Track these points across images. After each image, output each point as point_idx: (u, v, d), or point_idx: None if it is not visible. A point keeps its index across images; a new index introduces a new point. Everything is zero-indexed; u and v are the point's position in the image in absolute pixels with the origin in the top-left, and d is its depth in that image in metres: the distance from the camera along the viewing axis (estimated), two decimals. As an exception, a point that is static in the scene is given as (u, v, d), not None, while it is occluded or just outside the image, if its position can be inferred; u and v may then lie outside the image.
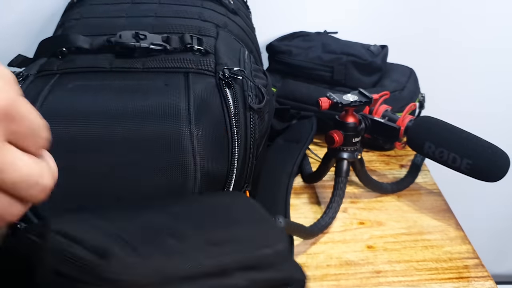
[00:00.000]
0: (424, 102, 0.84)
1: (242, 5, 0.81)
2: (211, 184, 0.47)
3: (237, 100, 0.50)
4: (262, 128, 0.55)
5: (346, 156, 0.65)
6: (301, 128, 0.80)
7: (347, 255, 0.61)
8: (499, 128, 1.09)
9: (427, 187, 0.73)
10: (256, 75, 0.57)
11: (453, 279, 0.57)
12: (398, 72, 0.86)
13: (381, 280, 0.57)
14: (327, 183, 0.73)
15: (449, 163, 0.60)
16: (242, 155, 0.51)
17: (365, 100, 0.64)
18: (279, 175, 0.70)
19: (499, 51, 1.03)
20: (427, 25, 0.99)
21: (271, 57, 0.88)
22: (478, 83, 1.06)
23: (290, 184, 0.68)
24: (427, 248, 0.62)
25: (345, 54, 0.81)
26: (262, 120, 0.55)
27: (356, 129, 0.65)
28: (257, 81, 0.56)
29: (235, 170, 0.50)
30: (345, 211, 0.68)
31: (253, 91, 0.53)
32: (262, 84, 0.56)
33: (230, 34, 0.64)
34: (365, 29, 0.98)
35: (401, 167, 0.79)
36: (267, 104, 0.54)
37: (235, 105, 0.50)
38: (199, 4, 0.68)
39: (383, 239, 0.63)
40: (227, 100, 0.50)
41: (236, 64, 0.55)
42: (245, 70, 0.54)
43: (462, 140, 0.59)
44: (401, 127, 0.64)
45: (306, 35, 0.92)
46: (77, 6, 0.66)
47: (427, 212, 0.68)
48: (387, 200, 0.70)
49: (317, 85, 0.83)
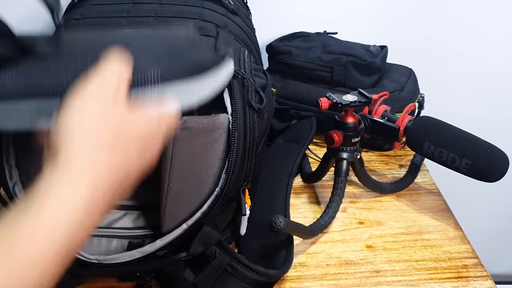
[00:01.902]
0: (424, 102, 0.84)
1: (242, 5, 0.81)
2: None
3: (235, 98, 0.50)
4: (261, 127, 0.55)
5: (345, 156, 0.65)
6: (301, 128, 0.80)
7: (346, 255, 0.61)
8: (499, 128, 1.09)
9: (427, 187, 0.74)
10: (256, 74, 0.58)
11: (452, 279, 0.57)
12: (397, 72, 0.86)
13: (380, 279, 0.57)
14: (327, 183, 0.74)
15: (448, 163, 0.60)
16: (241, 153, 0.51)
17: (364, 101, 0.64)
18: (279, 175, 0.70)
19: (499, 51, 1.03)
20: (427, 25, 0.99)
21: (271, 57, 0.88)
22: (477, 83, 1.06)
23: (290, 184, 0.69)
24: (426, 247, 0.62)
25: (344, 54, 0.81)
26: (262, 119, 0.55)
27: (356, 129, 0.65)
28: (257, 80, 0.56)
29: (234, 168, 0.50)
30: (345, 210, 0.68)
31: (252, 91, 0.53)
32: (262, 83, 0.57)
33: (230, 34, 0.64)
34: (365, 29, 0.98)
35: (401, 167, 0.79)
36: (266, 104, 0.55)
37: (233, 104, 0.50)
38: (199, 4, 0.68)
39: (383, 239, 0.63)
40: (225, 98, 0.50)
41: (236, 64, 0.55)
42: (245, 70, 0.55)
43: (461, 141, 0.59)
44: (401, 127, 0.64)
45: (306, 36, 0.92)
46: (78, 7, 0.66)
47: (427, 212, 0.68)
48: (386, 200, 0.71)
49: (317, 85, 0.84)
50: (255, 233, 0.60)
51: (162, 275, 0.55)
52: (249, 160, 0.52)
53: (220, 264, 0.53)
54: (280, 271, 0.54)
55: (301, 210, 0.69)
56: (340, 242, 0.63)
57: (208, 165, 0.51)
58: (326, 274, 0.58)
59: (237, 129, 0.50)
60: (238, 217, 0.58)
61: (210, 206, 0.51)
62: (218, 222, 0.56)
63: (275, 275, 0.53)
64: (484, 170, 0.58)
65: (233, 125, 0.50)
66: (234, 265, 0.52)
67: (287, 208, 0.64)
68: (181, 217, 0.52)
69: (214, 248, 0.54)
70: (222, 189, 0.51)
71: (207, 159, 0.51)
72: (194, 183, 0.51)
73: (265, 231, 0.60)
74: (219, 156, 0.51)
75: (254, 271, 0.52)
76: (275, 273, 0.53)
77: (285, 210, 0.64)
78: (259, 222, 0.61)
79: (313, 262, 0.60)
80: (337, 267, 0.59)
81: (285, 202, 0.65)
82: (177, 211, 0.52)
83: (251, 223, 0.62)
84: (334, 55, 0.82)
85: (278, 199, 0.65)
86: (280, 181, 0.68)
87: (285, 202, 0.65)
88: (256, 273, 0.52)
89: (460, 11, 0.98)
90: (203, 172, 0.51)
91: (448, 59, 1.03)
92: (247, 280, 0.52)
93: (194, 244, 0.52)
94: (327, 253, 0.61)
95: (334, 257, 0.61)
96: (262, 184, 0.68)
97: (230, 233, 0.60)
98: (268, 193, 0.67)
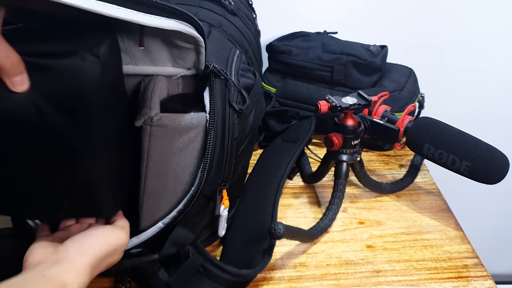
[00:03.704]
0: (424, 102, 0.84)
1: (246, 7, 0.81)
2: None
3: (214, 98, 0.50)
4: (244, 127, 0.55)
5: (345, 158, 0.65)
6: (299, 128, 0.80)
7: (346, 255, 0.61)
8: (499, 128, 1.09)
9: (427, 187, 0.74)
10: (243, 74, 0.57)
11: (453, 279, 0.57)
12: (397, 72, 0.86)
13: (380, 279, 0.57)
14: (327, 183, 0.74)
15: (448, 165, 0.60)
16: (218, 153, 0.51)
17: (364, 103, 0.64)
18: (271, 176, 0.69)
19: (499, 51, 1.03)
20: (427, 25, 0.99)
21: (271, 57, 0.88)
22: (478, 83, 1.06)
23: (280, 185, 0.67)
24: (427, 247, 0.62)
25: (345, 54, 0.81)
26: (244, 120, 0.54)
27: (355, 131, 0.65)
28: (242, 80, 0.55)
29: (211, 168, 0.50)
30: (345, 210, 0.68)
31: (235, 91, 0.52)
32: (248, 84, 0.56)
33: (224, 34, 0.64)
34: (365, 29, 0.98)
35: (401, 167, 0.79)
36: (250, 105, 0.54)
37: (211, 103, 0.50)
38: (197, 3, 0.68)
39: (383, 239, 0.63)
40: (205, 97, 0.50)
41: (222, 63, 0.55)
42: (231, 70, 0.54)
43: (461, 142, 0.59)
44: (401, 128, 0.64)
45: (306, 35, 0.92)
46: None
47: (427, 211, 0.68)
48: (386, 200, 0.71)
49: (317, 85, 0.84)
50: (242, 233, 0.60)
51: (138, 273, 0.54)
52: (227, 161, 0.52)
53: (193, 265, 0.52)
54: (253, 270, 0.53)
55: (301, 210, 0.69)
56: (340, 242, 0.63)
57: (185, 164, 0.51)
58: (326, 274, 0.58)
59: (214, 128, 0.50)
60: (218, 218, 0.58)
61: (186, 204, 0.51)
62: (195, 221, 0.55)
63: (248, 275, 0.53)
64: (484, 172, 0.58)
65: (210, 124, 0.49)
66: (206, 265, 0.52)
67: (275, 210, 0.63)
68: (159, 215, 0.52)
69: (188, 248, 0.53)
70: (197, 188, 0.50)
71: (184, 158, 0.51)
72: (171, 182, 0.51)
73: (251, 232, 0.60)
74: (196, 155, 0.51)
75: (226, 272, 0.51)
76: (247, 272, 0.52)
77: (272, 211, 0.63)
78: (247, 223, 0.61)
79: (313, 262, 0.60)
80: (337, 267, 0.59)
81: (273, 204, 0.64)
82: (154, 209, 0.52)
83: (239, 224, 0.62)
84: (334, 55, 0.82)
85: (267, 201, 0.64)
86: (272, 182, 0.68)
87: (274, 204, 0.64)
88: (229, 274, 0.51)
89: (461, 11, 0.98)
90: (180, 171, 0.51)
91: (448, 58, 1.03)
92: (220, 281, 0.51)
93: (166, 244, 0.51)
94: (327, 253, 0.61)
95: (334, 257, 0.61)
96: (255, 185, 0.68)
97: (209, 234, 0.59)
98: (259, 194, 0.66)
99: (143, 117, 0.48)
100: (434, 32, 1.00)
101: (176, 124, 0.49)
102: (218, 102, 0.50)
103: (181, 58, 0.50)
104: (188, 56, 0.50)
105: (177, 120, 0.49)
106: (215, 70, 0.51)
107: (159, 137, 0.49)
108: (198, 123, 0.50)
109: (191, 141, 0.50)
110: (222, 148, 0.51)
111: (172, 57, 0.50)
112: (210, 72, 0.51)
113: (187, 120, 0.49)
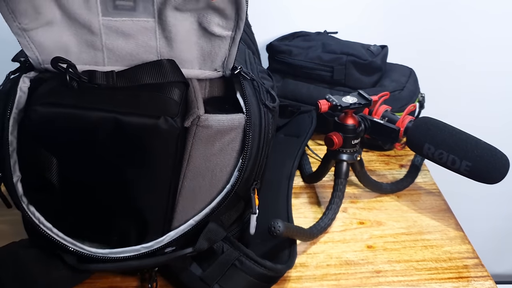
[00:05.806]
0: (424, 102, 0.84)
1: None
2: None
3: (248, 99, 0.51)
4: (274, 126, 0.56)
5: (345, 158, 0.65)
6: (301, 122, 0.81)
7: (347, 255, 0.61)
8: (499, 128, 1.09)
9: (427, 187, 0.74)
10: (262, 76, 0.58)
11: (453, 279, 0.57)
12: (398, 72, 0.86)
13: (381, 280, 0.57)
14: (327, 183, 0.74)
15: (448, 165, 0.60)
16: (254, 153, 0.52)
17: (364, 102, 0.64)
18: (279, 175, 0.70)
19: (499, 51, 1.03)
20: (427, 25, 0.99)
21: (271, 57, 0.88)
22: (478, 83, 1.06)
23: (290, 186, 0.68)
24: (427, 248, 0.62)
25: (345, 54, 0.81)
26: (275, 118, 0.56)
27: (356, 131, 0.65)
28: (264, 82, 0.56)
29: (247, 167, 0.51)
30: (345, 211, 0.68)
31: (263, 91, 0.54)
32: (269, 85, 0.57)
33: None
34: (365, 29, 0.98)
35: (401, 167, 0.79)
36: (279, 102, 0.56)
37: (247, 104, 0.51)
38: None
39: (383, 239, 0.63)
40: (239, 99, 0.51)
41: (244, 66, 0.55)
42: (253, 72, 0.55)
43: (461, 142, 0.59)
44: (401, 128, 0.64)
45: (306, 35, 0.92)
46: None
47: (427, 212, 0.68)
48: (386, 200, 0.71)
49: (317, 85, 0.84)
50: (257, 233, 0.60)
51: (167, 269, 0.55)
52: (260, 160, 0.53)
53: (229, 259, 0.53)
54: (286, 266, 0.55)
55: (301, 210, 0.69)
56: (341, 242, 0.63)
57: (223, 164, 0.52)
58: (326, 274, 0.58)
59: (252, 128, 0.51)
60: (243, 216, 0.59)
61: (219, 203, 0.52)
62: (224, 219, 0.57)
63: (282, 270, 0.54)
64: (484, 172, 0.58)
65: (248, 124, 0.50)
66: (242, 259, 0.53)
67: (289, 210, 0.64)
68: (191, 214, 0.53)
69: (221, 243, 0.54)
70: (233, 186, 0.51)
71: (223, 158, 0.51)
72: (208, 182, 0.52)
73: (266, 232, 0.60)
74: (234, 155, 0.52)
75: (262, 266, 0.53)
76: (282, 267, 0.54)
77: (287, 212, 0.64)
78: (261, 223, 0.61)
79: (314, 262, 0.60)
80: (337, 267, 0.59)
81: (287, 206, 0.65)
82: (188, 210, 0.53)
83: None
84: (334, 55, 0.82)
85: (280, 202, 0.65)
86: (281, 183, 0.68)
87: (287, 204, 0.65)
88: (264, 268, 0.53)
89: (461, 11, 0.98)
90: (218, 171, 0.52)
91: (448, 58, 1.03)
92: (254, 275, 0.53)
93: (200, 240, 0.52)
94: (327, 253, 0.61)
95: (334, 257, 0.61)
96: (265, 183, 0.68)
97: (237, 231, 0.60)
98: (269, 194, 0.66)
99: (192, 117, 0.49)
100: (435, 32, 0.99)
101: (220, 125, 0.50)
102: (253, 103, 0.51)
103: (210, 56, 0.51)
104: (220, 51, 0.51)
105: (221, 121, 0.50)
106: (242, 72, 0.52)
107: (203, 138, 0.50)
108: (239, 124, 0.51)
109: (231, 141, 0.51)
110: (258, 148, 0.52)
111: (202, 56, 0.51)
112: (238, 73, 0.52)
113: (229, 121, 0.50)
